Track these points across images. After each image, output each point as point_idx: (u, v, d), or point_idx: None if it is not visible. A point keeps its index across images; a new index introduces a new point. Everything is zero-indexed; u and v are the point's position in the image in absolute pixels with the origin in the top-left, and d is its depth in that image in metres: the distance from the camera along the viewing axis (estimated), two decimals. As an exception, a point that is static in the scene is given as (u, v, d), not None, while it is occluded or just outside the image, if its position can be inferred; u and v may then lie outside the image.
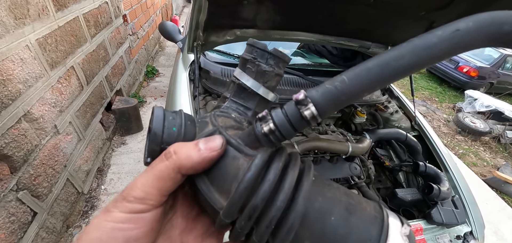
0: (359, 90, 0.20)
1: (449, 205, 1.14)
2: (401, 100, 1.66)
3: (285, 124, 0.22)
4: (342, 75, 0.21)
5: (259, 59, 0.30)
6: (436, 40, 0.18)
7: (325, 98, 0.21)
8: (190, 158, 0.22)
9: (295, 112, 0.22)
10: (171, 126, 0.25)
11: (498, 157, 4.30)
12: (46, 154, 1.46)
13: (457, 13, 1.00)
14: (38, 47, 1.39)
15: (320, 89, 0.21)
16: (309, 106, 0.21)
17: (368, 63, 0.20)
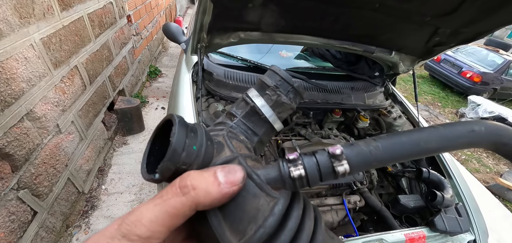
0: (390, 160, 0.22)
1: (453, 212, 1.13)
2: (404, 105, 1.65)
3: (315, 173, 0.22)
4: (377, 141, 0.23)
5: (280, 89, 0.30)
6: (457, 135, 0.22)
7: (358, 159, 0.22)
8: (210, 195, 0.20)
9: (327, 165, 0.22)
10: (192, 144, 0.23)
11: (501, 163, 4.27)
12: (47, 153, 1.46)
13: (462, 21, 0.99)
14: (42, 47, 1.39)
15: (355, 149, 0.22)
16: (343, 163, 0.22)
17: (402, 137, 0.22)
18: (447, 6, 0.92)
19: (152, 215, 0.19)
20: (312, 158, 0.23)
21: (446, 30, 1.09)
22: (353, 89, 1.56)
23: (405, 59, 1.43)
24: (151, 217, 0.19)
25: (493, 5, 0.86)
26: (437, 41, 1.18)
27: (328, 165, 0.22)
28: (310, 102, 1.39)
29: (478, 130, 0.22)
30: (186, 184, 0.20)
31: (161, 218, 0.19)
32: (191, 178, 0.20)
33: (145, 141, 2.54)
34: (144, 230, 0.18)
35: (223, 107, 1.24)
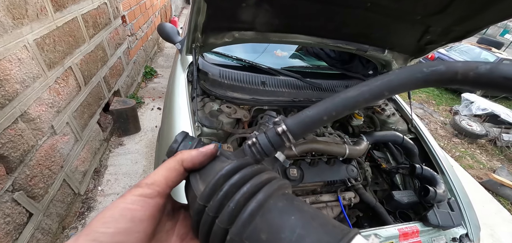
0: (327, 117, 0.27)
1: (445, 207, 1.15)
2: (398, 103, 1.67)
3: (264, 139, 0.29)
4: (314, 107, 0.28)
5: None
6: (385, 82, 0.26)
7: (295, 121, 0.28)
8: (190, 154, 0.30)
9: (272, 130, 0.29)
10: (188, 141, 0.34)
11: (494, 159, 4.34)
12: (42, 155, 1.45)
13: (452, 19, 1.01)
14: (36, 48, 1.39)
15: (293, 117, 0.28)
16: (282, 125, 0.28)
17: (329, 100, 0.27)
18: (436, 5, 0.94)
19: (156, 170, 0.29)
20: (262, 131, 0.30)
21: (437, 28, 1.11)
22: (347, 88, 1.58)
23: (398, 57, 1.46)
24: (156, 171, 0.28)
25: (481, 3, 0.88)
26: (429, 39, 1.20)
27: (272, 130, 0.29)
28: (305, 101, 1.40)
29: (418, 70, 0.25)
30: (177, 153, 0.31)
31: (160, 171, 0.28)
32: (181, 152, 0.31)
33: (141, 141, 2.54)
34: (149, 179, 0.28)
35: (218, 106, 1.25)
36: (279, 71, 1.47)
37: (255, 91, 1.35)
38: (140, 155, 2.38)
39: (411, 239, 1.06)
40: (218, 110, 1.22)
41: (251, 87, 1.36)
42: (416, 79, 0.24)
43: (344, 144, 1.21)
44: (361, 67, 1.67)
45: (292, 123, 0.28)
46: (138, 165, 2.26)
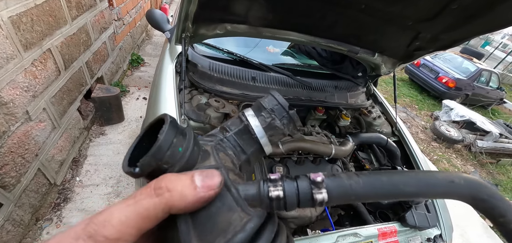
0: (369, 196, 0.23)
1: (422, 209, 1.20)
2: (384, 106, 1.72)
3: (293, 197, 0.23)
4: (359, 176, 0.23)
5: (276, 113, 0.31)
6: (436, 182, 0.23)
7: (338, 191, 0.22)
8: (184, 198, 0.19)
9: (307, 191, 0.23)
10: (179, 146, 0.23)
11: (468, 164, 4.60)
12: (15, 142, 1.36)
13: (441, 27, 1.04)
14: (10, 26, 1.28)
15: (336, 181, 0.23)
16: (322, 192, 0.22)
17: (382, 177, 0.23)
18: (428, 12, 0.96)
19: (122, 216, 0.18)
20: (293, 182, 0.23)
21: (426, 35, 1.14)
22: (336, 88, 1.60)
23: (387, 61, 1.49)
24: (121, 217, 0.18)
25: (469, 14, 0.91)
26: (417, 45, 1.24)
27: (308, 191, 0.22)
28: (294, 99, 1.40)
29: (458, 182, 0.23)
30: (161, 185, 0.19)
31: (132, 219, 0.18)
32: (167, 180, 0.20)
33: (124, 132, 2.45)
34: (112, 231, 0.17)
35: (206, 100, 1.22)
36: (270, 68, 1.46)
37: (245, 87, 1.33)
38: (123, 145, 2.30)
39: (389, 239, 1.10)
40: (206, 104, 1.19)
41: (241, 82, 1.34)
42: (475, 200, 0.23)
43: (331, 144, 1.22)
44: (351, 69, 1.70)
45: (335, 191, 0.22)
46: (120, 156, 2.18)
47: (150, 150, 0.21)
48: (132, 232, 0.18)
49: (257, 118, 0.31)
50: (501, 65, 13.07)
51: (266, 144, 0.31)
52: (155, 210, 0.19)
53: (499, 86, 7.67)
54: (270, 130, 0.31)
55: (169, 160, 0.22)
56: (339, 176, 0.23)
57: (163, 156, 0.21)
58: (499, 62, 13.03)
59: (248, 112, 0.32)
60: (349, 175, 0.23)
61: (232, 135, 0.31)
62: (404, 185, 0.23)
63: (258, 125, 0.31)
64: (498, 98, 7.89)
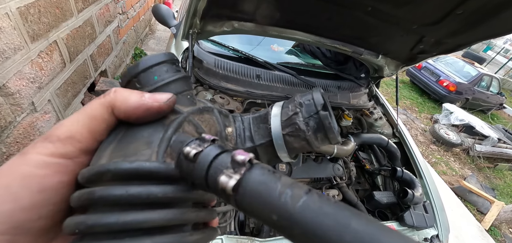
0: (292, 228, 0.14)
1: (421, 209, 1.23)
2: (386, 108, 1.74)
3: (204, 165, 0.17)
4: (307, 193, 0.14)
5: (303, 109, 0.25)
6: None
7: (256, 190, 0.15)
8: (127, 100, 0.19)
9: (220, 167, 0.16)
10: (155, 74, 0.22)
11: (466, 168, 4.64)
12: (21, 132, 1.37)
13: (446, 31, 1.06)
14: (19, 17, 1.29)
15: (264, 177, 0.15)
16: (234, 177, 0.15)
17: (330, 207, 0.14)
18: (433, 17, 0.98)
19: (73, 118, 0.19)
20: (217, 149, 0.17)
21: (430, 39, 1.15)
22: (339, 88, 1.62)
23: (390, 63, 1.50)
24: (72, 119, 0.19)
25: (474, 20, 0.92)
26: (421, 49, 1.25)
27: (220, 168, 0.16)
28: (298, 98, 1.42)
29: None
30: (110, 90, 0.20)
31: (81, 119, 0.19)
32: (119, 88, 0.20)
33: (127, 125, 2.46)
34: (63, 130, 0.18)
35: (211, 96, 1.24)
36: (275, 66, 1.47)
37: (250, 84, 1.35)
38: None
39: (388, 237, 1.13)
40: (211, 100, 1.21)
41: (246, 80, 1.35)
42: None
43: (333, 143, 1.24)
44: (354, 70, 1.71)
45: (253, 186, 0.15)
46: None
47: (141, 62, 0.22)
48: (82, 131, 0.19)
49: (281, 109, 0.26)
50: (502, 70, 13.09)
51: (279, 140, 0.25)
52: (100, 108, 0.19)
53: (499, 92, 7.69)
54: (288, 126, 0.25)
55: (141, 80, 0.22)
56: (275, 175, 0.15)
57: (138, 74, 0.22)
58: (500, 67, 13.05)
59: (277, 103, 0.27)
60: (299, 187, 0.15)
61: (250, 117, 0.27)
62: None
63: (277, 114, 0.25)
64: (498, 104, 7.92)
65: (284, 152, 0.26)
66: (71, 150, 0.18)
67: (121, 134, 0.20)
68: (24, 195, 0.16)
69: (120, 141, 0.19)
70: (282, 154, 0.26)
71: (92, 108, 0.19)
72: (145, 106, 0.19)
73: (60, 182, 0.18)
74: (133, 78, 0.22)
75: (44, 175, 0.17)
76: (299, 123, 0.25)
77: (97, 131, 0.19)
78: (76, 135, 0.18)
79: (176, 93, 0.22)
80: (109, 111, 0.19)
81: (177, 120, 0.21)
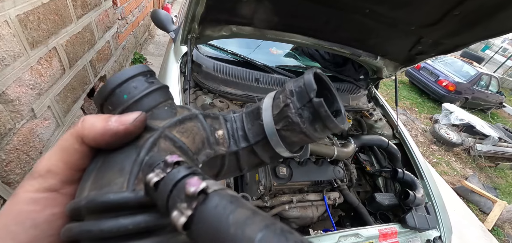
0: None
1: (422, 210, 1.22)
2: (385, 109, 1.74)
3: (164, 195, 0.15)
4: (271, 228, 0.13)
5: (294, 98, 0.22)
6: None
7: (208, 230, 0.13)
8: (94, 127, 0.19)
9: (174, 198, 0.15)
10: (125, 93, 0.21)
11: (467, 167, 4.63)
12: (20, 139, 1.37)
13: (444, 32, 1.06)
14: (18, 24, 1.30)
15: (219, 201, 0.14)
16: (186, 213, 0.14)
17: None
18: (431, 18, 0.98)
19: (50, 152, 0.20)
20: (180, 172, 0.16)
21: (428, 40, 1.16)
22: (338, 90, 1.62)
23: (389, 65, 1.51)
24: (49, 154, 0.20)
25: (471, 21, 0.93)
26: (419, 50, 1.26)
27: (177, 198, 0.15)
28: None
29: None
30: (79, 120, 0.20)
31: (55, 153, 0.20)
32: (86, 116, 0.20)
33: (127, 130, 2.46)
34: (42, 165, 0.19)
35: (211, 100, 1.24)
36: (274, 69, 1.48)
37: (249, 88, 1.35)
38: (126, 143, 2.31)
39: (389, 240, 1.12)
40: (211, 104, 1.21)
41: (245, 83, 1.35)
42: None
43: (333, 146, 1.24)
44: (353, 72, 1.72)
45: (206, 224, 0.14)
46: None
47: (117, 76, 0.21)
48: (57, 164, 0.19)
49: (272, 99, 0.24)
50: (500, 69, 13.13)
51: (274, 136, 0.23)
52: (70, 139, 0.20)
53: (498, 91, 7.70)
54: (281, 119, 0.23)
55: (113, 102, 0.21)
56: (231, 206, 0.13)
57: (107, 96, 0.21)
58: (499, 66, 13.08)
59: (269, 94, 0.25)
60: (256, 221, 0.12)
61: (243, 113, 0.25)
62: None
63: (268, 107, 0.23)
64: (497, 102, 7.92)
65: (282, 147, 0.24)
66: (53, 183, 0.19)
67: (100, 162, 0.19)
68: (20, 232, 0.17)
69: (98, 170, 0.19)
70: (281, 149, 0.24)
71: (63, 140, 0.20)
72: (111, 131, 0.19)
73: (52, 215, 0.18)
74: (104, 101, 0.21)
75: (34, 211, 0.18)
76: (292, 116, 0.22)
77: (71, 161, 0.20)
78: (52, 168, 0.19)
79: (150, 108, 0.21)
80: (79, 141, 0.20)
81: (150, 139, 0.19)
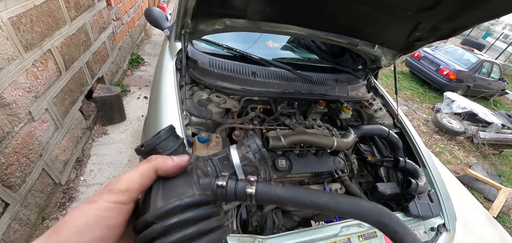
0: (288, 201, 0.30)
1: (425, 198, 1.20)
2: (385, 99, 1.71)
3: (232, 188, 0.31)
4: (284, 186, 0.31)
5: (251, 148, 0.39)
6: (344, 204, 0.29)
7: (264, 191, 0.30)
8: (166, 164, 0.30)
9: (242, 185, 0.31)
10: (170, 142, 0.34)
11: (471, 156, 4.59)
12: (19, 142, 1.37)
13: (440, 17, 1.03)
14: (11, 27, 1.29)
15: (267, 185, 0.31)
16: (252, 188, 0.30)
17: (301, 190, 0.30)
18: (427, 2, 0.96)
19: (129, 175, 0.28)
20: (235, 179, 0.31)
21: (426, 25, 1.13)
22: (337, 81, 1.60)
23: (387, 53, 1.48)
24: (129, 176, 0.28)
25: (468, 2, 0.90)
26: (417, 36, 1.23)
27: (243, 186, 0.30)
28: (295, 93, 1.41)
29: (364, 206, 0.29)
30: (152, 158, 0.31)
31: (135, 176, 0.28)
32: (156, 156, 0.31)
33: (126, 131, 2.46)
34: (123, 185, 0.27)
35: (207, 95, 1.22)
36: (270, 62, 1.46)
37: (245, 82, 1.34)
38: (125, 144, 2.31)
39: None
40: (207, 100, 1.20)
41: (242, 77, 1.34)
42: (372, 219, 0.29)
43: (332, 137, 1.22)
44: (351, 62, 1.69)
45: (261, 190, 0.30)
46: (123, 155, 2.20)
47: (154, 135, 0.33)
48: (135, 186, 0.27)
49: (237, 150, 0.39)
50: (502, 56, 12.98)
51: (239, 169, 0.38)
52: (148, 170, 0.29)
53: (500, 77, 7.62)
54: (244, 160, 0.38)
55: (162, 147, 0.33)
56: (270, 184, 0.30)
57: (160, 142, 0.33)
58: (500, 53, 12.94)
59: (232, 147, 0.40)
60: (277, 184, 0.31)
61: (216, 159, 0.38)
62: (316, 198, 0.30)
63: (235, 155, 0.38)
64: (500, 89, 7.84)
65: (242, 175, 0.38)
66: (126, 199, 0.27)
67: (161, 185, 0.30)
68: (97, 229, 0.24)
69: (164, 189, 0.30)
70: (241, 176, 0.38)
71: (142, 168, 0.29)
72: (178, 166, 0.31)
73: (119, 221, 0.26)
74: (156, 146, 0.33)
75: (109, 216, 0.25)
76: (251, 157, 0.38)
77: (145, 185, 0.29)
78: (131, 188, 0.27)
79: (182, 151, 0.35)
80: (154, 171, 0.29)
81: (194, 169, 0.33)
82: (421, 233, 1.15)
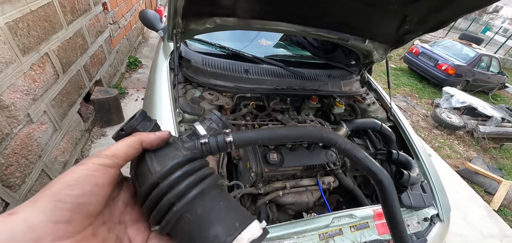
0: (258, 139, 0.40)
1: (418, 189, 1.21)
2: (379, 93, 1.73)
3: (213, 142, 0.38)
4: (257, 130, 0.41)
5: (213, 119, 0.44)
6: (298, 131, 0.44)
7: (240, 137, 0.39)
8: (149, 137, 0.34)
9: (221, 138, 0.38)
10: (147, 122, 0.38)
11: (471, 150, 4.58)
12: (18, 143, 1.40)
13: (427, 8, 1.05)
14: (8, 31, 1.32)
15: (241, 132, 0.40)
16: (230, 137, 0.38)
17: (268, 130, 0.42)
18: None
19: (116, 145, 0.32)
20: (214, 135, 0.39)
21: (413, 18, 1.15)
22: (330, 77, 1.61)
23: (379, 47, 1.50)
24: (116, 146, 0.31)
25: None
26: (407, 29, 1.24)
27: (222, 137, 0.38)
28: (288, 89, 1.42)
29: (309, 129, 0.44)
30: (136, 133, 0.35)
31: (121, 147, 0.31)
32: (140, 132, 0.35)
33: (125, 133, 2.49)
34: (110, 151, 0.30)
35: (200, 93, 1.25)
36: (262, 60, 1.48)
37: (238, 79, 1.36)
38: (124, 145, 2.33)
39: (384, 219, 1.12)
40: (200, 97, 1.22)
41: (234, 75, 1.36)
42: (320, 137, 0.44)
43: (322, 129, 1.24)
44: (343, 57, 1.71)
45: (237, 137, 0.38)
46: (122, 156, 2.22)
47: (132, 119, 0.36)
48: (121, 154, 0.31)
49: (201, 124, 0.44)
50: (502, 50, 12.93)
51: None
52: (134, 142, 0.32)
53: (500, 71, 7.59)
54: (210, 130, 0.43)
55: (142, 126, 0.37)
56: (242, 131, 0.38)
57: (139, 123, 0.36)
58: (499, 46, 12.88)
59: (195, 123, 0.45)
60: (248, 130, 0.37)
61: (185, 136, 0.42)
62: (276, 132, 0.42)
63: (201, 128, 0.43)
64: (499, 83, 7.82)
65: None
66: (112, 163, 0.30)
67: (152, 155, 0.34)
68: (86, 185, 0.27)
69: (157, 157, 0.34)
70: None
71: (128, 141, 0.32)
72: (161, 138, 0.35)
73: (105, 181, 0.29)
74: (135, 127, 0.36)
75: (97, 175, 0.28)
76: (215, 127, 0.43)
77: (130, 155, 0.32)
78: (117, 154, 0.30)
79: (158, 128, 0.40)
80: (139, 143, 0.33)
81: (175, 139, 0.38)
82: (414, 224, 1.16)
